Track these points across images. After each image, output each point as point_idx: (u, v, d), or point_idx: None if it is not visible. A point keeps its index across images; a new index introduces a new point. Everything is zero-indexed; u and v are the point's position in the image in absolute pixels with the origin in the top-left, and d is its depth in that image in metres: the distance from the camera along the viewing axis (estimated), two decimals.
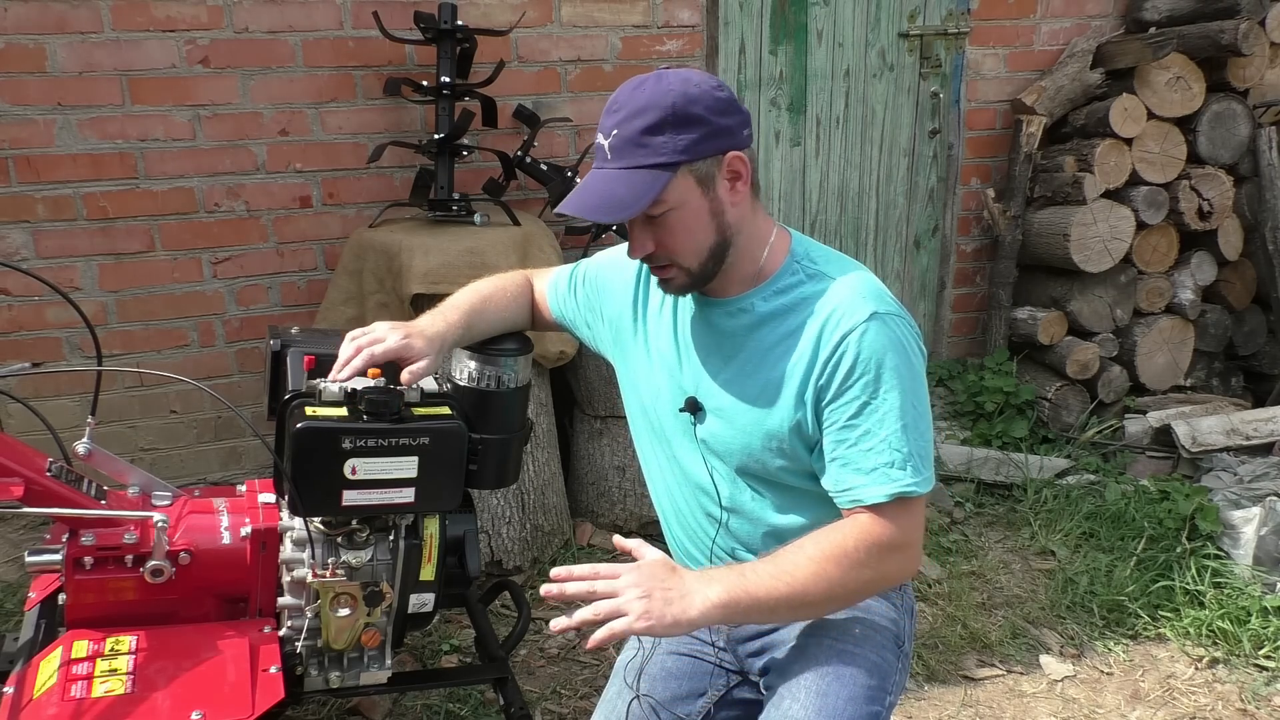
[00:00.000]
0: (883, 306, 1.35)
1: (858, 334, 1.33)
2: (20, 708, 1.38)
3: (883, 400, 1.32)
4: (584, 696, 2.39)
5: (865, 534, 1.32)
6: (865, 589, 1.36)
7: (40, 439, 1.72)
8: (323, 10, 3.05)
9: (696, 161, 1.31)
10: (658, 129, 1.29)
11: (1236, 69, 3.65)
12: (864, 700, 1.38)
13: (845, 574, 1.30)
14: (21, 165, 2.90)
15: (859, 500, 1.34)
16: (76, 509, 1.49)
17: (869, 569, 1.32)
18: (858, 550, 1.31)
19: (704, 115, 1.30)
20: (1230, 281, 3.85)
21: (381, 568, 1.59)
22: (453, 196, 2.99)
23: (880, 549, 1.32)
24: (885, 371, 1.32)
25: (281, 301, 3.24)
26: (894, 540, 1.33)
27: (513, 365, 1.60)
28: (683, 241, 1.35)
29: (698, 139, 1.30)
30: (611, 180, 1.31)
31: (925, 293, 4.06)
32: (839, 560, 1.30)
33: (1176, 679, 2.51)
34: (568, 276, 1.69)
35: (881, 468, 1.33)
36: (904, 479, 1.32)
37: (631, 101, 1.30)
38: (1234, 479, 3.15)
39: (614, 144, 1.31)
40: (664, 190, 1.29)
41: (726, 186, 1.35)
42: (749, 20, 3.55)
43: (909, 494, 1.33)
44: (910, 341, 1.36)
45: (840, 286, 1.37)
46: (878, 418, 1.33)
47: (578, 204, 1.32)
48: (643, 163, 1.29)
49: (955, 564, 2.97)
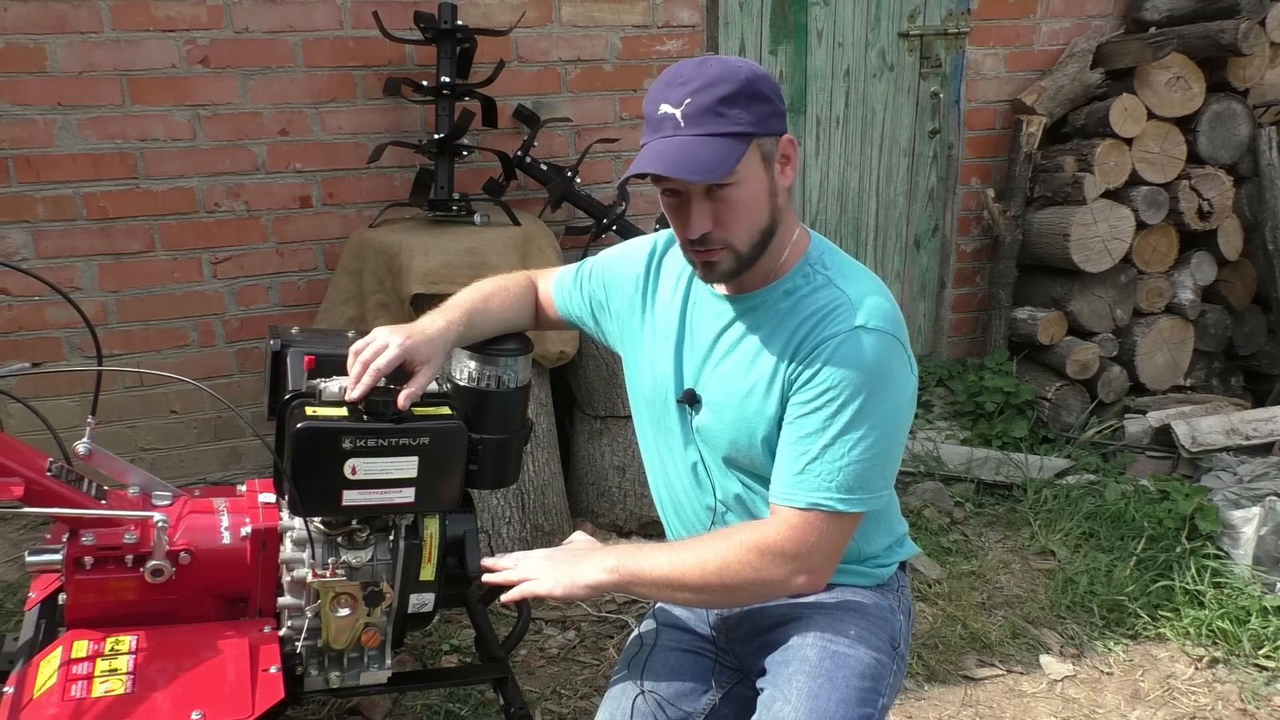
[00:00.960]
0: (872, 322, 1.34)
1: (836, 341, 1.33)
2: (20, 708, 1.38)
3: (839, 412, 1.32)
4: (584, 696, 2.39)
5: (762, 536, 1.35)
6: (744, 592, 1.38)
7: (40, 439, 1.72)
8: (323, 10, 3.05)
9: (764, 137, 1.33)
10: (733, 101, 1.30)
11: (1236, 69, 3.65)
12: (856, 702, 1.38)
13: (723, 574, 1.35)
14: (21, 165, 2.90)
15: (779, 499, 1.36)
16: (76, 509, 1.49)
17: (750, 570, 1.34)
18: (745, 551, 1.34)
19: (770, 95, 1.33)
20: (1230, 281, 3.85)
21: (381, 568, 1.59)
22: (453, 196, 2.99)
23: (770, 555, 1.34)
24: (848, 384, 1.32)
25: (281, 301, 3.24)
26: (789, 549, 1.34)
27: (513, 365, 1.60)
28: (742, 218, 1.34)
29: (767, 115, 1.32)
30: (690, 145, 1.29)
31: (925, 293, 4.06)
32: (723, 559, 1.35)
33: (1176, 679, 2.51)
34: (573, 274, 1.70)
35: (808, 474, 1.33)
36: (825, 493, 1.33)
37: (703, 74, 1.31)
38: (1234, 479, 3.15)
39: (688, 111, 1.29)
40: (741, 160, 1.30)
41: (779, 168, 1.37)
42: (749, 20, 3.55)
43: (825, 508, 1.32)
44: (891, 364, 1.34)
45: (840, 296, 1.37)
46: (826, 426, 1.33)
47: (660, 163, 1.29)
48: (721, 130, 1.29)
49: (955, 564, 2.97)
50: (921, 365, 4.03)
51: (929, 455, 3.49)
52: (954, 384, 3.89)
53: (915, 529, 3.11)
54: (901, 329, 1.37)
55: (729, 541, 1.37)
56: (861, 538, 1.50)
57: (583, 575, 1.39)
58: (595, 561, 1.40)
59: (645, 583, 1.38)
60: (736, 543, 1.36)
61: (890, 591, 1.55)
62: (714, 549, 1.36)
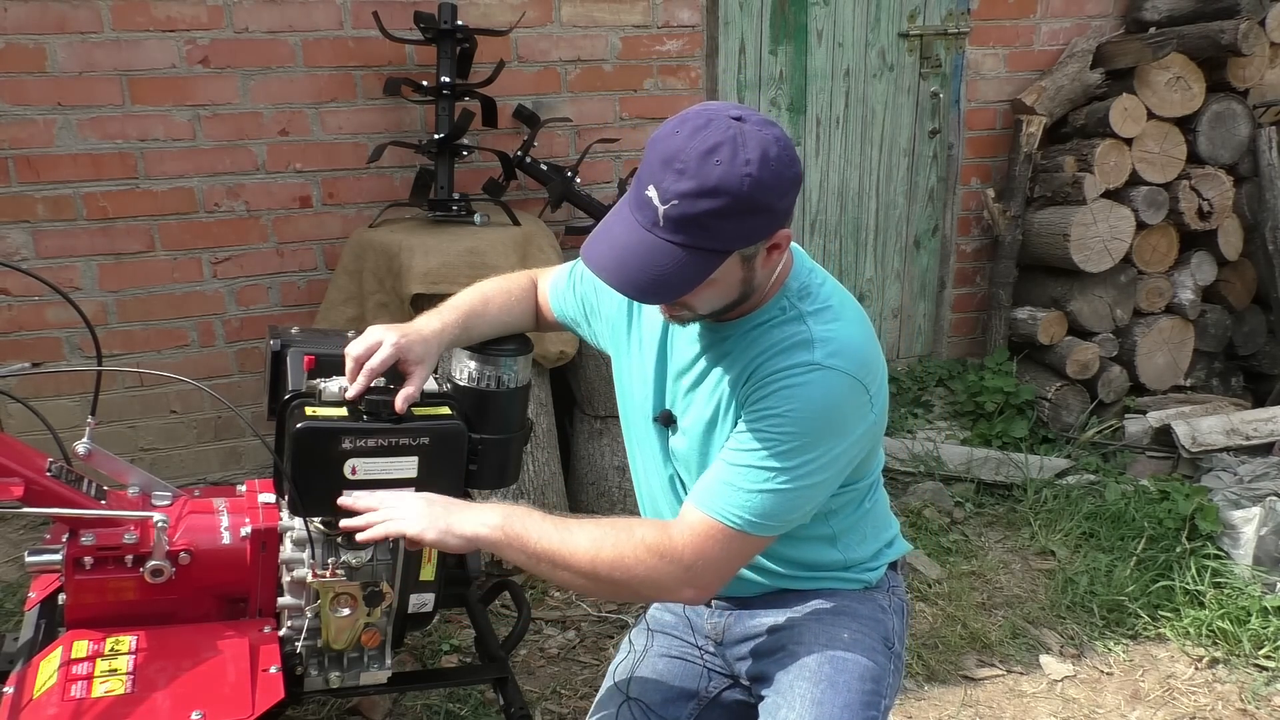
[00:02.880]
0: (833, 360, 1.28)
1: (786, 374, 1.29)
2: (20, 708, 1.38)
3: (776, 439, 1.28)
4: (584, 696, 2.39)
5: (663, 539, 1.31)
6: (626, 589, 1.34)
7: (40, 439, 1.72)
8: (323, 10, 3.05)
9: (750, 245, 1.24)
10: (724, 215, 1.18)
11: (1236, 69, 3.65)
12: (860, 706, 1.37)
13: (614, 567, 1.30)
14: (21, 165, 2.90)
15: (692, 499, 1.34)
16: (76, 509, 1.49)
17: (642, 569, 1.30)
18: (642, 551, 1.30)
19: (769, 203, 1.21)
20: (1230, 281, 3.85)
21: (381, 568, 1.59)
22: (453, 196, 2.99)
23: (667, 559, 1.29)
24: (791, 415, 1.27)
25: (281, 301, 3.24)
26: (686, 558, 1.30)
27: (513, 365, 1.60)
28: (705, 302, 1.30)
29: (759, 226, 1.22)
30: (658, 252, 1.20)
31: (925, 293, 4.06)
32: (619, 551, 1.30)
33: (1176, 679, 2.51)
34: (566, 276, 1.67)
35: (729, 487, 1.30)
36: (736, 509, 1.29)
37: (702, 174, 1.17)
38: (1234, 479, 3.15)
39: (671, 214, 1.18)
40: (713, 272, 1.23)
41: (764, 256, 1.28)
42: (749, 20, 3.55)
43: (731, 524, 1.29)
44: (842, 404, 1.29)
45: (807, 331, 1.32)
46: (760, 448, 1.29)
47: (617, 271, 1.23)
48: (700, 244, 1.20)
49: (955, 564, 2.97)
50: (921, 365, 4.03)
51: (929, 455, 3.49)
52: (954, 384, 3.89)
53: (915, 529, 3.11)
54: (868, 370, 1.31)
55: (627, 535, 1.31)
56: (846, 546, 1.50)
57: (461, 525, 1.33)
58: (478, 514, 1.33)
59: (528, 551, 1.31)
60: (637, 539, 1.31)
61: (881, 592, 1.54)
62: (611, 539, 1.31)
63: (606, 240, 1.26)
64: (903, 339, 4.09)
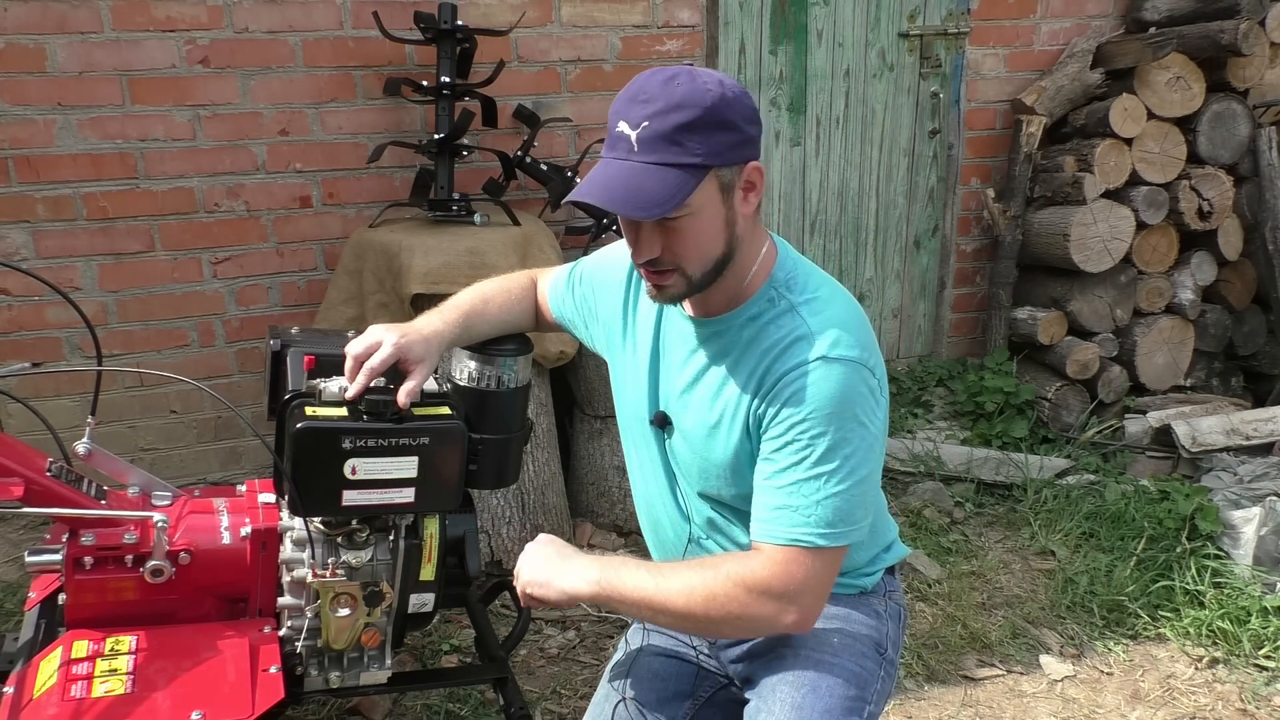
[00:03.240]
0: (837, 351, 1.28)
1: (797, 373, 1.29)
2: (20, 708, 1.38)
3: (809, 445, 1.28)
4: (584, 696, 2.39)
5: (749, 572, 1.30)
6: (727, 625, 1.33)
7: (40, 439, 1.72)
8: (323, 10, 3.05)
9: (723, 168, 1.26)
10: (693, 129, 1.22)
11: (1236, 69, 3.65)
12: (841, 712, 1.37)
13: (709, 606, 1.30)
14: (21, 165, 2.90)
15: (758, 536, 1.32)
16: (76, 509, 1.49)
17: (737, 605, 1.29)
18: (731, 587, 1.29)
19: (737, 121, 1.26)
20: (1230, 281, 3.85)
21: (381, 568, 1.59)
22: (453, 196, 2.99)
23: (757, 592, 1.29)
24: (815, 415, 1.27)
25: (281, 301, 3.24)
26: (776, 587, 1.28)
27: (513, 365, 1.60)
28: (693, 248, 1.29)
29: (730, 144, 1.25)
30: (639, 173, 1.23)
31: (925, 293, 4.06)
32: (710, 590, 1.30)
33: (1176, 679, 2.51)
34: (565, 277, 1.67)
35: (786, 510, 1.29)
36: (802, 528, 1.28)
37: (666, 95, 1.23)
38: (1234, 479, 3.15)
39: (644, 136, 1.23)
40: (693, 194, 1.24)
41: (741, 196, 1.30)
42: (749, 20, 3.55)
43: (805, 544, 1.28)
44: (858, 391, 1.29)
45: (801, 325, 1.32)
46: (797, 460, 1.29)
47: (602, 194, 1.24)
48: (675, 160, 1.23)
49: (955, 564, 2.97)
50: (921, 365, 4.03)
51: (929, 455, 3.48)
52: (954, 384, 3.89)
53: (915, 529, 3.11)
54: (869, 353, 1.32)
55: (715, 572, 1.31)
56: None
57: (561, 580, 1.38)
58: (578, 569, 1.37)
59: (626, 601, 1.34)
60: (724, 575, 1.30)
61: (876, 597, 1.54)
62: (700, 578, 1.31)
63: (589, 180, 1.28)
64: (903, 339, 4.09)
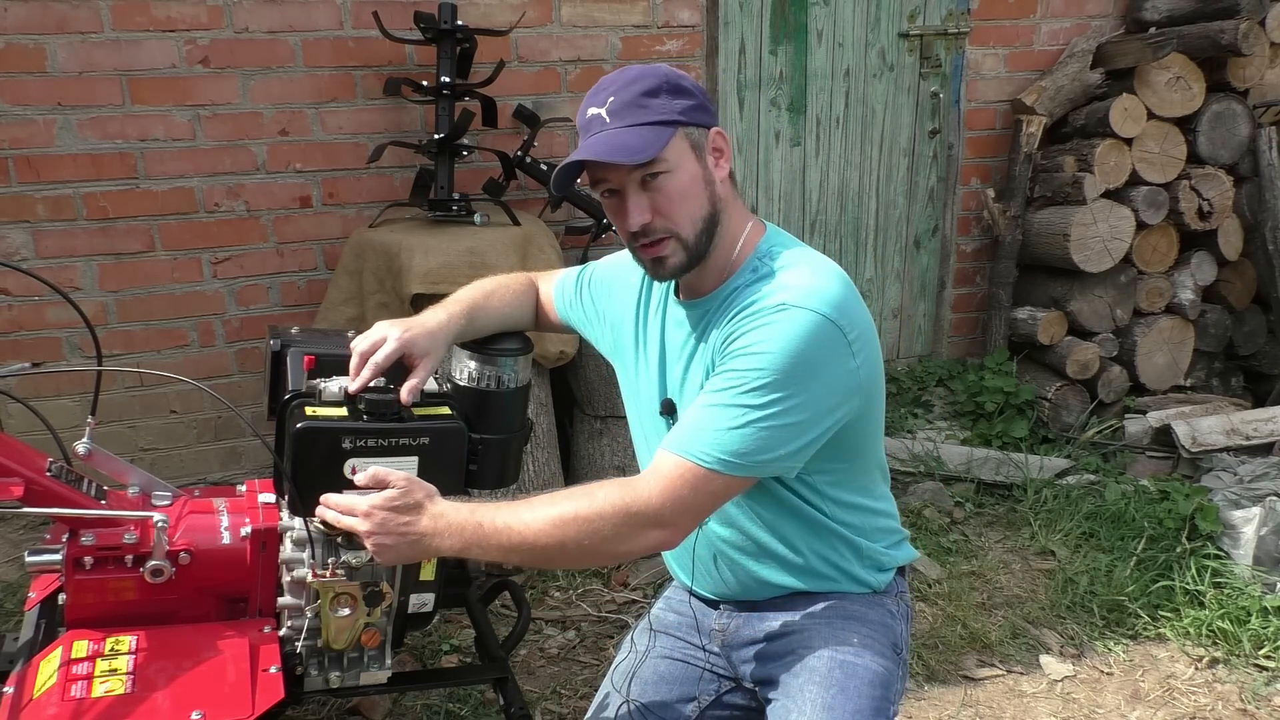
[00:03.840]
0: (801, 301, 1.30)
1: (757, 315, 1.32)
2: (20, 708, 1.38)
3: (743, 375, 1.29)
4: (584, 696, 2.39)
5: (630, 496, 1.29)
6: (601, 551, 1.32)
7: (40, 439, 1.72)
8: (323, 10, 3.05)
9: (690, 127, 1.36)
10: (655, 93, 1.34)
11: (1236, 69, 3.65)
12: (870, 712, 1.37)
13: (582, 533, 1.29)
14: (21, 165, 2.90)
15: (663, 445, 1.34)
16: (76, 509, 1.49)
17: (611, 530, 1.29)
18: (609, 509, 1.29)
19: (692, 89, 1.38)
20: (1230, 281, 3.85)
21: (381, 568, 1.59)
22: (453, 196, 2.99)
23: (635, 516, 1.29)
24: (763, 353, 1.29)
25: (281, 301, 3.24)
26: (650, 501, 1.29)
27: (513, 365, 1.60)
28: (679, 206, 1.36)
29: (691, 107, 1.36)
30: (616, 134, 1.33)
31: (925, 293, 4.06)
32: (581, 519, 1.29)
33: (1176, 679, 2.51)
34: (574, 279, 1.70)
35: (697, 428, 1.31)
36: (705, 448, 1.29)
37: (623, 76, 1.36)
38: (1234, 479, 3.15)
39: (613, 108, 1.34)
40: (667, 146, 1.33)
41: (712, 161, 1.39)
42: (749, 20, 3.55)
43: (701, 462, 1.29)
44: (817, 342, 1.29)
45: (773, 282, 1.36)
46: (727, 387, 1.31)
47: (588, 152, 1.33)
48: (645, 120, 1.33)
49: (955, 564, 2.97)
50: (921, 365, 4.03)
51: (929, 455, 3.48)
52: (954, 384, 3.89)
53: (915, 529, 3.11)
54: (844, 315, 1.32)
55: (586, 501, 1.30)
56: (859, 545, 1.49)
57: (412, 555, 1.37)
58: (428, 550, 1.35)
59: (494, 551, 1.33)
60: (601, 502, 1.29)
61: (890, 597, 1.54)
62: (568, 508, 1.30)
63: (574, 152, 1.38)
64: (903, 339, 4.09)
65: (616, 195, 1.38)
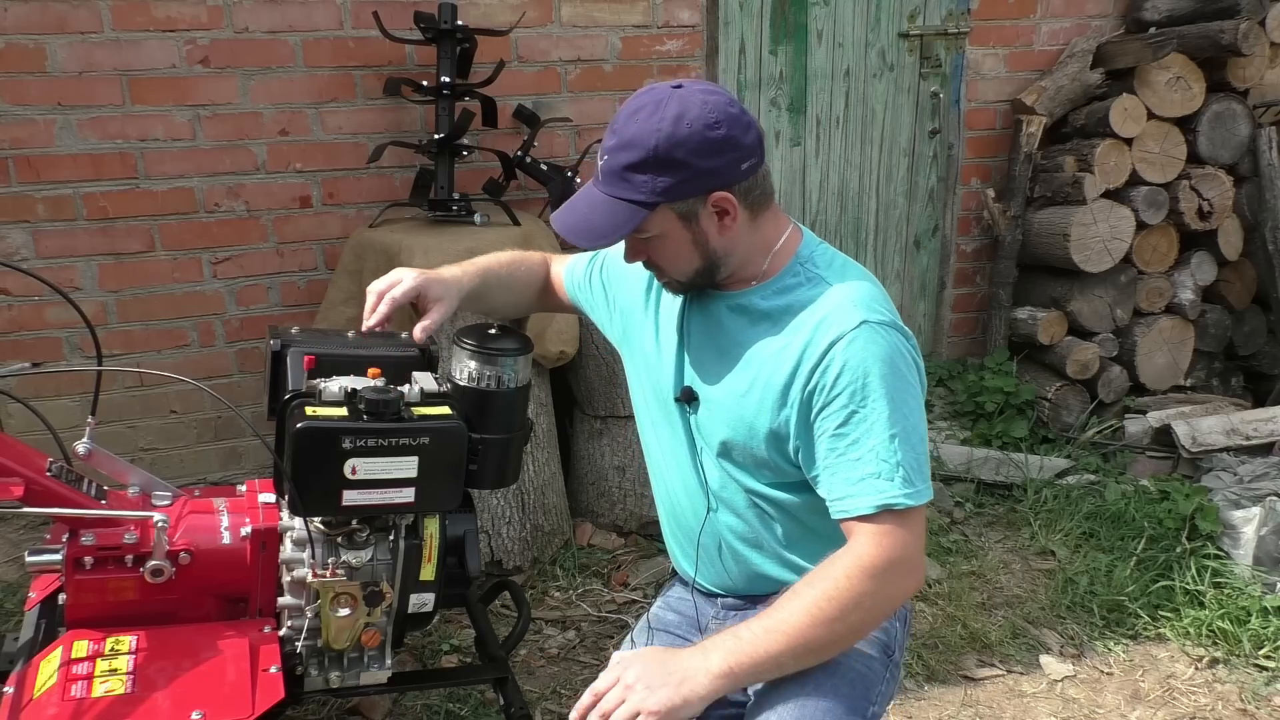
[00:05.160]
0: (874, 315, 1.33)
1: (845, 342, 1.32)
2: (20, 708, 1.38)
3: (870, 410, 1.30)
4: None
5: (856, 560, 1.28)
6: (871, 616, 1.30)
7: (40, 439, 1.72)
8: (323, 10, 3.05)
9: (675, 201, 1.33)
10: (639, 168, 1.30)
11: (1236, 69, 3.65)
12: (844, 710, 1.37)
13: (844, 610, 1.26)
14: (21, 165, 2.90)
15: (846, 511, 1.32)
16: (76, 509, 1.49)
17: (868, 596, 1.27)
18: (850, 580, 1.27)
19: (686, 159, 1.29)
20: (1230, 281, 3.85)
21: (381, 568, 1.59)
22: (453, 196, 2.99)
23: (874, 571, 1.27)
24: (872, 380, 1.30)
25: (281, 301, 3.24)
26: (887, 559, 1.28)
27: (513, 365, 1.60)
28: (669, 261, 1.40)
29: (676, 183, 1.31)
30: (596, 205, 1.35)
31: (925, 293, 4.06)
32: (833, 598, 1.26)
33: (1176, 679, 2.51)
34: (586, 262, 1.73)
35: (869, 478, 1.30)
36: (891, 490, 1.29)
37: (625, 131, 1.31)
38: (1234, 479, 3.15)
39: (604, 168, 1.34)
40: (642, 224, 1.33)
41: (714, 222, 1.36)
42: (749, 20, 3.55)
43: (896, 505, 1.29)
44: (902, 352, 1.34)
45: (835, 293, 1.37)
46: (865, 427, 1.31)
47: (561, 223, 1.38)
48: (623, 196, 1.32)
49: (955, 564, 2.97)
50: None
51: (929, 455, 3.48)
52: (954, 384, 3.89)
53: None
54: (898, 317, 1.38)
55: (826, 580, 1.27)
56: None
57: (696, 691, 1.25)
58: (700, 673, 1.26)
59: (767, 667, 1.28)
60: (837, 575, 1.27)
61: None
62: (817, 592, 1.27)
63: (564, 206, 1.39)
64: None
65: None
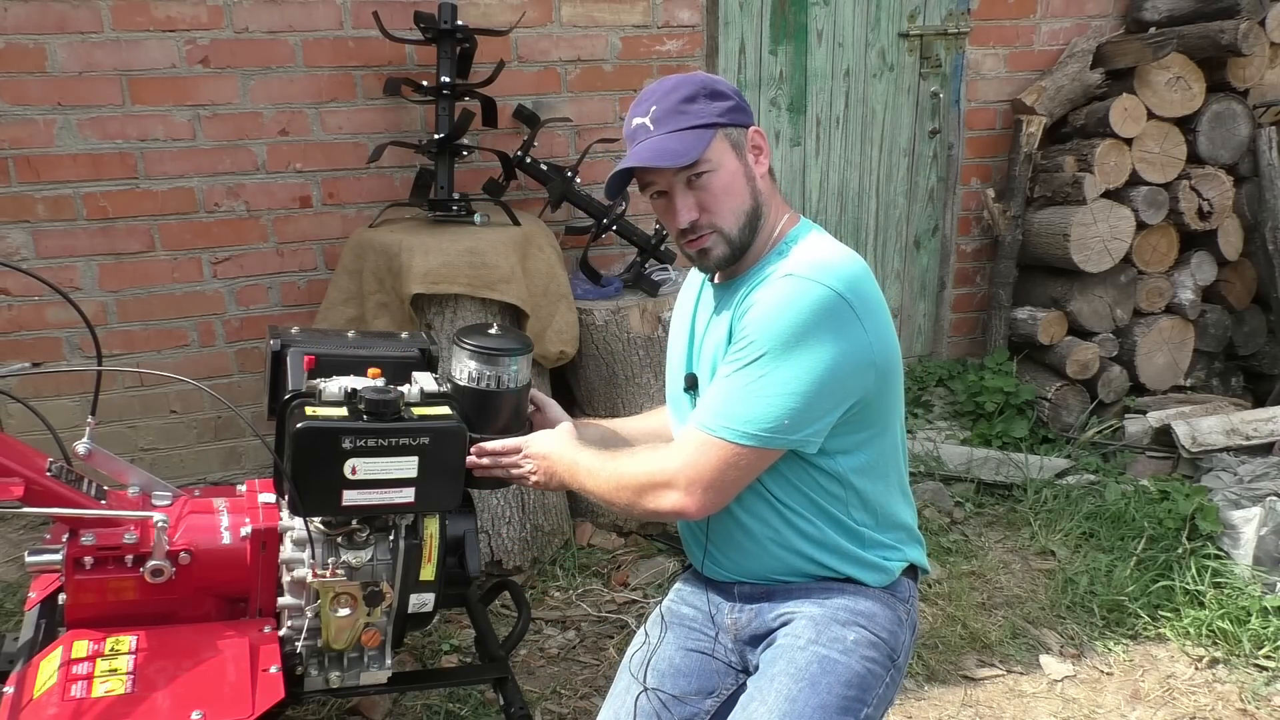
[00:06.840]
0: (805, 271, 1.38)
1: (763, 288, 1.40)
2: (20, 708, 1.38)
3: (757, 347, 1.37)
4: (584, 696, 2.39)
5: (657, 469, 1.43)
6: (636, 508, 1.47)
7: (40, 439, 1.72)
8: (323, 10, 3.05)
9: (730, 128, 1.45)
10: (694, 98, 1.44)
11: (1236, 69, 3.65)
12: (835, 710, 1.37)
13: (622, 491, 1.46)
14: (21, 165, 2.90)
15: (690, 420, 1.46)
16: (76, 509, 1.49)
17: (638, 499, 1.44)
18: (640, 483, 1.44)
19: (729, 93, 1.47)
20: (1230, 281, 3.85)
21: (381, 568, 1.59)
22: (453, 196, 2.99)
23: (658, 487, 1.42)
24: (765, 325, 1.36)
25: (281, 301, 3.24)
26: (675, 478, 1.40)
27: (513, 365, 1.60)
28: (723, 202, 1.45)
29: (728, 109, 1.45)
30: (661, 140, 1.43)
31: (925, 293, 4.06)
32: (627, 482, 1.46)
33: (1176, 679, 2.51)
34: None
35: (718, 403, 1.40)
36: (724, 421, 1.38)
37: (662, 86, 1.46)
38: (1234, 479, 3.15)
39: (656, 115, 1.44)
40: (708, 147, 1.42)
41: (751, 158, 1.48)
42: (749, 20, 3.55)
43: (721, 437, 1.38)
44: (819, 310, 1.35)
45: (789, 259, 1.43)
46: (745, 361, 1.38)
47: (637, 160, 1.43)
48: (686, 125, 1.42)
49: (955, 564, 2.97)
50: (921, 365, 4.03)
51: (929, 455, 3.48)
52: (954, 384, 3.89)
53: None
54: (852, 288, 1.37)
55: (634, 464, 1.47)
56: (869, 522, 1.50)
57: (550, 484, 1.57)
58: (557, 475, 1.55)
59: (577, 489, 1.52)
60: (638, 467, 1.46)
61: (899, 601, 1.53)
62: (622, 479, 1.47)
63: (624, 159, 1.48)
64: (903, 339, 4.09)
65: (664, 196, 1.47)
